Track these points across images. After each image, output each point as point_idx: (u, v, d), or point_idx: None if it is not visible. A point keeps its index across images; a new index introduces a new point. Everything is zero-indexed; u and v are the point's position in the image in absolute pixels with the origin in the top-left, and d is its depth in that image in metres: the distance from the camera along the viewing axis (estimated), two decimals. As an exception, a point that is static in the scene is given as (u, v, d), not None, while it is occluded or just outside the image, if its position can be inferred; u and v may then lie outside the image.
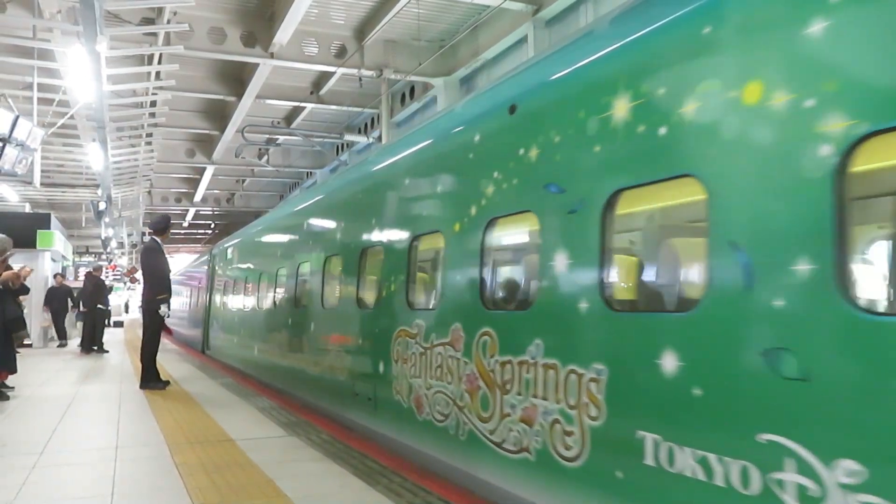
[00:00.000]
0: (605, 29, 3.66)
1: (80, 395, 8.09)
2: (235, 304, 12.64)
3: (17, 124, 10.11)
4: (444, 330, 4.50)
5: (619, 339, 3.09)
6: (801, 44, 2.38)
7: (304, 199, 9.10)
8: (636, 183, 3.07)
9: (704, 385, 2.62)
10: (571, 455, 3.27)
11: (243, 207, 33.52)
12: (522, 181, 3.87)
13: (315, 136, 20.28)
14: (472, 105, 4.90)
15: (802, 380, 2.27)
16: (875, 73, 2.18)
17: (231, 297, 13.10)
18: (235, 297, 12.64)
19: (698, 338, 2.68)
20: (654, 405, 2.84)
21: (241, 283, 12.25)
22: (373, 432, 5.69)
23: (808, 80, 2.34)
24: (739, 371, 2.49)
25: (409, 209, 5.48)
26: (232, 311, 13.06)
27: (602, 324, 3.20)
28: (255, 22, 14.82)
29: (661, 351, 2.79)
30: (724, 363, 2.56)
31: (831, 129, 2.25)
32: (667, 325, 2.89)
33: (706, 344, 2.64)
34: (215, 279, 15.24)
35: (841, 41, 2.27)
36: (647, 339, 2.91)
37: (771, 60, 2.49)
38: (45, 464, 4.69)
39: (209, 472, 4.40)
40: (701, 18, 2.82)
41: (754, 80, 2.52)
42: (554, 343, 3.49)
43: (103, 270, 20.43)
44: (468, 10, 13.85)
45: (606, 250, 3.19)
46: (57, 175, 20.21)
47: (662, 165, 2.91)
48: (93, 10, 7.67)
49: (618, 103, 3.15)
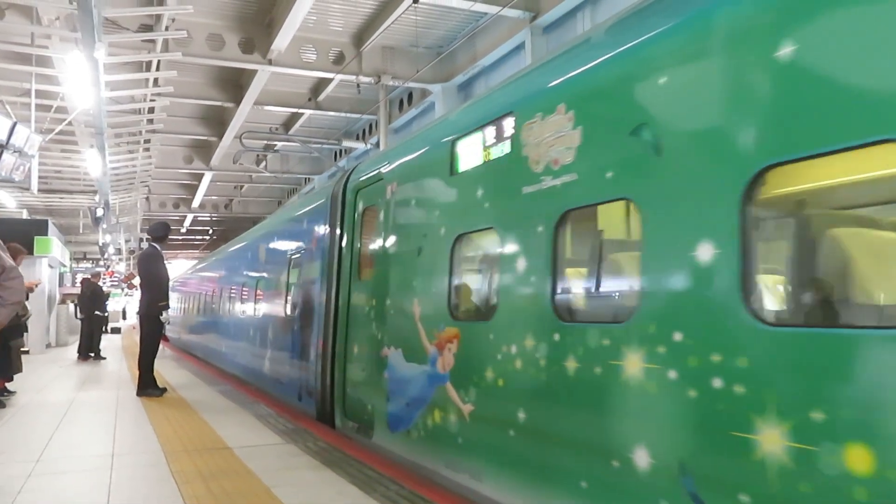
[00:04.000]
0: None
1: (77, 402, 8.06)
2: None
3: (14, 131, 10.10)
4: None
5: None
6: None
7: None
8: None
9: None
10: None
11: (241, 213, 33.54)
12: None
13: (313, 143, 20.30)
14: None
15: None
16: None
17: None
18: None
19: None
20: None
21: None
22: None
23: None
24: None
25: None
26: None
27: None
28: (253, 28, 14.86)
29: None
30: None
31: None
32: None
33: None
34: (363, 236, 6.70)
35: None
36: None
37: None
38: (41, 472, 4.67)
39: (206, 479, 4.38)
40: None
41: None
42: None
43: (101, 277, 20.38)
44: (466, 16, 13.90)
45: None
46: (55, 181, 20.19)
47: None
48: (91, 17, 7.69)
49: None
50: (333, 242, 6.91)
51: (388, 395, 5.20)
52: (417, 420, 4.74)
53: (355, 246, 6.39)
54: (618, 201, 3.23)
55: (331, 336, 6.65)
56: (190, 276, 21.73)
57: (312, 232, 7.75)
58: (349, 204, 6.56)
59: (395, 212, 5.46)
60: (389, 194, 5.57)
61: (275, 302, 9.33)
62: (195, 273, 20.17)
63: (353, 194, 6.48)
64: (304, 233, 8.14)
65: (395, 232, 5.43)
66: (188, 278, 22.15)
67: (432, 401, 4.53)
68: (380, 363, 5.39)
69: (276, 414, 7.07)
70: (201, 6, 13.35)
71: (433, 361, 4.55)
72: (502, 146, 4.06)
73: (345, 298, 6.40)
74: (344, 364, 6.27)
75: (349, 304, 6.30)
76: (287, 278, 8.68)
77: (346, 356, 6.23)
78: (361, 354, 5.89)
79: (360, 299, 6.02)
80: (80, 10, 7.56)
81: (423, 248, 4.89)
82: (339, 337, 6.44)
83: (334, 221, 6.94)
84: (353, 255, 6.40)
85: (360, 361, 5.90)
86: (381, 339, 5.43)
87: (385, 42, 15.44)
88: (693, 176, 2.74)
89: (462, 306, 4.62)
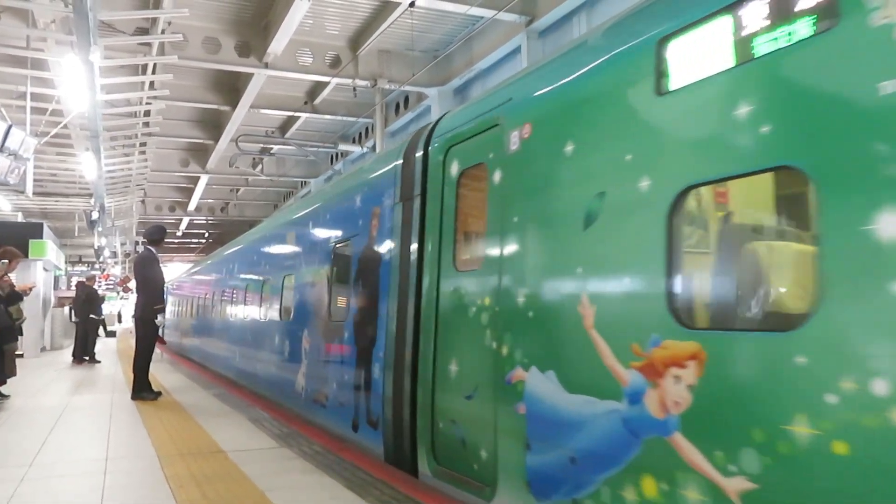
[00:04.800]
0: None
1: (72, 406, 8.03)
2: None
3: (9, 134, 10.09)
4: None
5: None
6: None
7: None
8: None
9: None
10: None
11: (237, 217, 33.49)
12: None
13: (309, 146, 20.32)
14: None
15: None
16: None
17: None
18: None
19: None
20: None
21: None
22: None
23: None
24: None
25: None
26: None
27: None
28: (249, 32, 14.86)
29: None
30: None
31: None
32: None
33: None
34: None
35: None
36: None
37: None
38: (34, 476, 4.65)
39: (200, 484, 4.37)
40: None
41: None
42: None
43: (96, 280, 20.33)
44: (462, 20, 13.93)
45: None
46: (50, 184, 20.15)
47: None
48: (87, 20, 7.68)
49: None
50: (408, 222, 5.11)
51: (528, 440, 3.49)
52: (602, 489, 3.01)
53: (448, 224, 4.58)
54: None
55: (409, 347, 4.87)
56: (185, 280, 21.22)
57: (371, 211, 5.92)
58: (435, 167, 4.80)
59: (528, 167, 3.75)
60: (514, 144, 3.87)
61: (312, 302, 7.46)
62: (193, 275, 18.28)
63: (442, 153, 4.70)
64: (358, 212, 6.24)
65: (528, 196, 3.72)
66: (183, 281, 21.71)
67: (637, 461, 2.84)
68: (506, 391, 3.68)
69: (271, 418, 7.06)
70: (197, 9, 13.36)
71: (635, 395, 2.86)
72: (801, 24, 2.39)
73: (431, 296, 4.61)
74: (432, 386, 4.48)
75: (438, 303, 4.52)
76: (331, 272, 6.90)
77: (438, 376, 4.44)
78: (467, 375, 4.12)
79: (461, 297, 4.27)
80: (76, 13, 7.56)
81: (598, 214, 3.19)
82: (423, 348, 4.65)
83: (408, 192, 5.18)
84: (443, 236, 4.61)
85: (466, 384, 4.12)
86: (509, 355, 3.70)
87: (381, 45, 15.45)
88: None
89: (712, 305, 2.89)
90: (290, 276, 8.43)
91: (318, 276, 7.26)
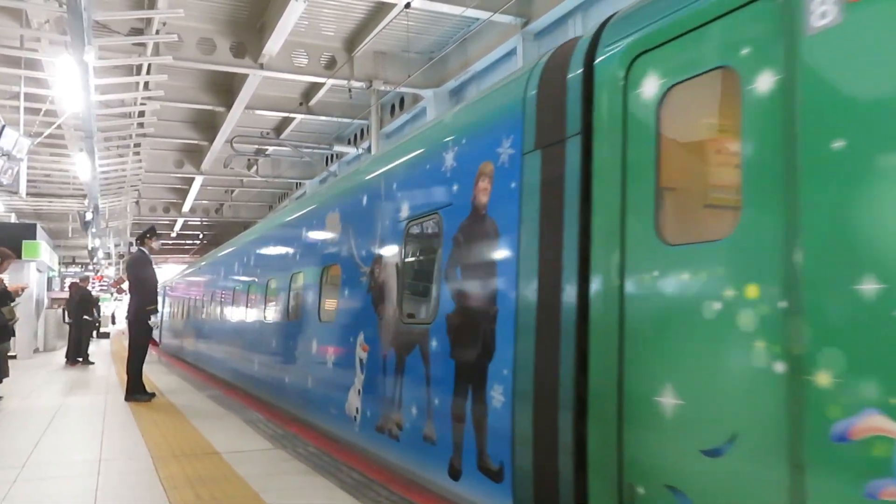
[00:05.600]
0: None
1: (65, 407, 8.00)
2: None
3: (3, 134, 10.05)
4: None
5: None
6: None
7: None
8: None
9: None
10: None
11: (232, 218, 33.41)
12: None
13: (304, 147, 20.27)
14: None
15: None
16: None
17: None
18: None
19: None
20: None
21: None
22: None
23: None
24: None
25: None
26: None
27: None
28: (244, 33, 14.83)
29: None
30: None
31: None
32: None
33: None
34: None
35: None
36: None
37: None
38: (26, 478, 4.62)
39: (194, 485, 4.35)
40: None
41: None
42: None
43: (90, 281, 20.24)
44: (458, 22, 13.93)
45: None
46: (43, 185, 20.07)
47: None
48: (81, 20, 7.65)
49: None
50: (554, 176, 3.46)
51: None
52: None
53: (641, 173, 2.92)
54: None
55: (565, 363, 3.22)
56: (180, 281, 21.03)
57: (474, 169, 4.23)
58: (612, 87, 3.12)
59: (863, 52, 2.12)
60: (826, 15, 2.20)
61: (371, 298, 5.69)
62: (212, 271, 14.87)
63: (625, 65, 3.05)
64: (449, 174, 4.58)
65: (865, 107, 2.09)
66: (178, 282, 21.49)
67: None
68: (835, 452, 2.06)
69: (265, 419, 7.04)
70: (192, 10, 13.33)
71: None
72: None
73: (611, 286, 2.99)
74: (618, 427, 2.88)
75: (624, 297, 2.93)
76: (401, 259, 5.26)
77: (635, 410, 2.82)
78: (708, 413, 2.52)
79: (685, 285, 2.68)
80: (70, 13, 7.53)
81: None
82: (595, 367, 3.05)
83: (554, 133, 3.51)
84: (630, 193, 2.97)
85: (707, 429, 2.51)
86: (836, 387, 2.08)
87: (377, 47, 15.45)
88: None
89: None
90: (335, 265, 6.61)
91: (380, 265, 5.58)
